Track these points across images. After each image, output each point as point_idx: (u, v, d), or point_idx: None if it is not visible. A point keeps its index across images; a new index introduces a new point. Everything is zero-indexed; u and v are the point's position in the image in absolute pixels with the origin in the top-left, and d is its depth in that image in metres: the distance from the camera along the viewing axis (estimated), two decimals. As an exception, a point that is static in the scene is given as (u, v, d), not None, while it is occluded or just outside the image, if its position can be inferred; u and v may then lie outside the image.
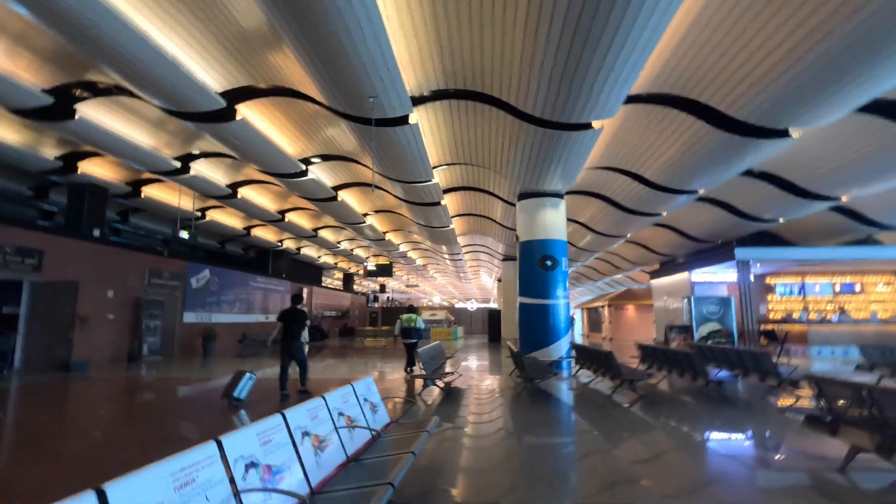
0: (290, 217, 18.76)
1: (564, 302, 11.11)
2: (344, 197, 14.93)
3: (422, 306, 40.85)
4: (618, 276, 28.10)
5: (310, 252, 28.01)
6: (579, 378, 9.91)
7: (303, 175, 12.14)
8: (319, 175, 12.89)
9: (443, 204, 13.96)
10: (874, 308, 17.18)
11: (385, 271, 24.04)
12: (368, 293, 41.76)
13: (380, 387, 8.77)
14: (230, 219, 19.94)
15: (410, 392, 8.12)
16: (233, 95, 8.34)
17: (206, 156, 12.28)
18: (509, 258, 22.48)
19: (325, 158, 11.81)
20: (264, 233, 22.60)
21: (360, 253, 28.55)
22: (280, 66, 7.78)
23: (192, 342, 16.78)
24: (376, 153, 9.61)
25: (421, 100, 8.24)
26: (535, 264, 11.20)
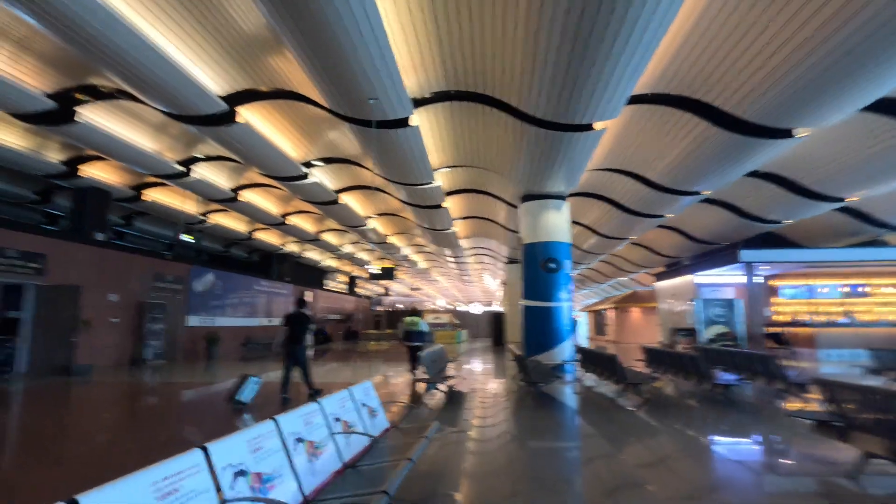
0: (292, 220, 18.76)
1: (568, 305, 11.01)
2: (346, 200, 14.90)
3: (425, 309, 40.74)
4: (622, 279, 27.93)
5: (313, 255, 28.02)
6: (583, 381, 9.80)
7: (305, 178, 12.12)
8: (321, 178, 12.87)
9: (445, 206, 13.90)
10: (882, 310, 16.96)
11: (388, 274, 23.95)
12: (372, 296, 41.71)
13: (382, 391, 8.73)
14: (233, 222, 19.97)
15: (413, 396, 8.04)
16: (234, 98, 8.32)
17: (208, 159, 12.29)
18: (513, 261, 22.36)
19: (327, 161, 11.79)
20: (267, 236, 22.62)
21: (364, 256, 28.53)
22: (281, 69, 7.76)
23: (196, 346, 16.76)
24: (377, 155, 9.57)
25: (422, 101, 8.19)
26: (538, 267, 11.11)
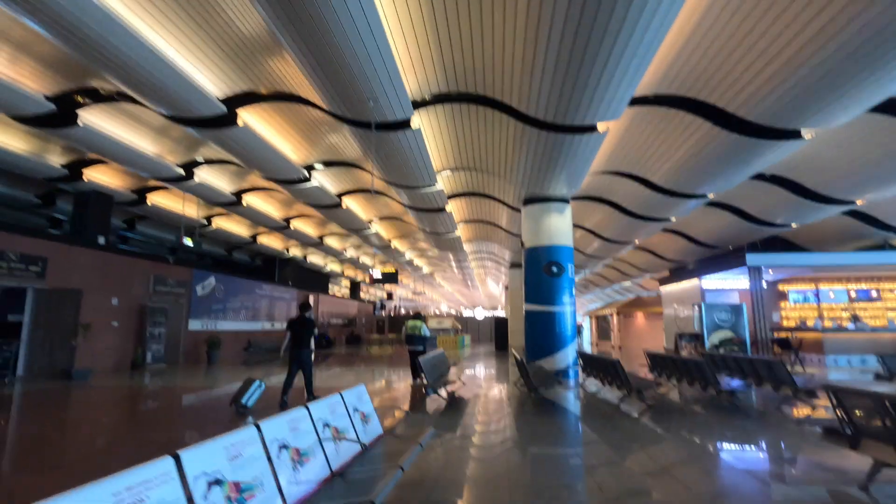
0: (295, 224, 18.75)
1: (571, 309, 10.88)
2: (348, 203, 14.86)
3: (429, 314, 40.60)
4: (627, 284, 27.72)
5: (316, 260, 28.01)
6: (586, 387, 9.65)
7: (306, 181, 12.08)
8: (323, 181, 12.83)
9: (447, 210, 13.83)
10: (891, 315, 16.69)
11: (391, 279, 23.91)
12: (375, 301, 41.62)
13: (382, 395, 8.62)
14: (236, 226, 19.98)
15: (412, 401, 7.92)
16: (234, 101, 8.30)
17: (210, 163, 12.28)
18: (516, 265, 22.22)
19: (329, 165, 11.75)
20: (270, 240, 22.62)
21: (367, 260, 28.49)
22: (281, 71, 7.72)
23: (198, 350, 16.71)
24: (378, 158, 9.51)
25: (422, 103, 8.13)
26: (540, 270, 10.99)
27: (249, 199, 15.35)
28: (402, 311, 46.95)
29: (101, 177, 13.34)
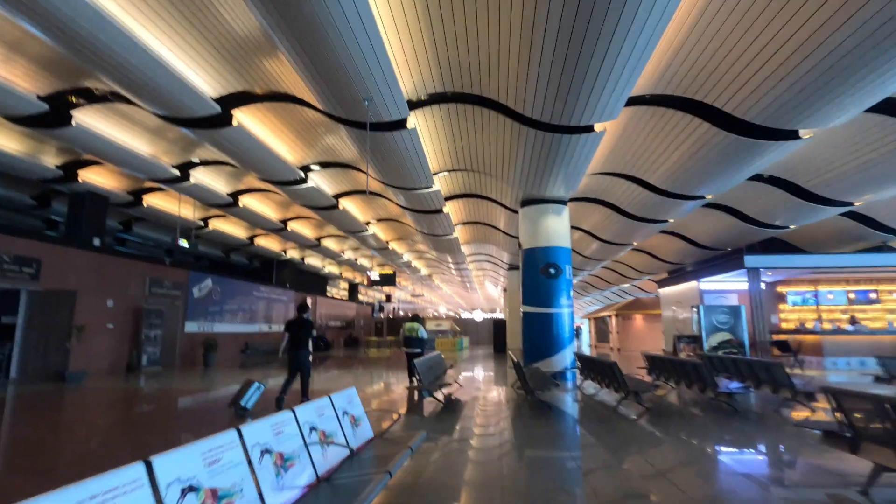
0: (292, 226, 18.67)
1: (568, 311, 10.81)
2: (345, 205, 14.79)
3: (427, 316, 40.52)
4: (625, 286, 27.66)
5: (314, 262, 27.92)
6: (584, 389, 9.58)
7: (302, 183, 12.01)
8: (319, 183, 12.77)
9: (445, 212, 13.76)
10: (890, 317, 16.62)
11: (388, 280, 23.86)
12: (374, 303, 41.53)
13: (377, 398, 8.54)
14: (233, 228, 19.89)
15: (408, 404, 7.84)
16: (228, 101, 8.24)
17: (205, 164, 12.21)
18: (514, 267, 22.17)
19: (325, 166, 11.68)
20: (268, 242, 22.54)
21: (365, 262, 28.40)
22: (276, 71, 7.66)
23: (194, 352, 16.61)
24: (374, 159, 9.45)
25: (418, 104, 8.07)
26: (538, 272, 10.93)
27: (246, 201, 15.28)
28: (401, 313, 46.85)
29: (96, 178, 13.27)
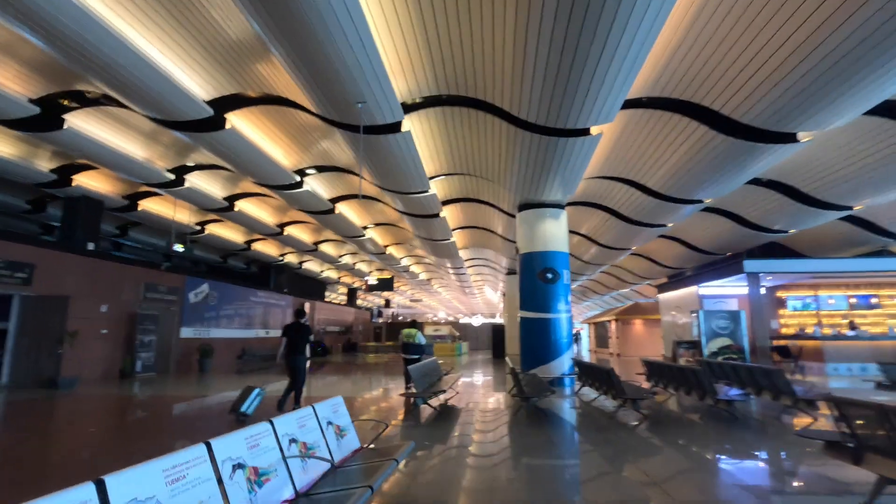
0: (289, 231, 18.56)
1: (566, 316, 10.68)
2: (342, 209, 14.70)
3: (426, 321, 40.35)
4: (624, 291, 27.52)
5: (312, 267, 27.78)
6: (582, 396, 9.44)
7: (298, 187, 11.92)
8: (315, 187, 12.68)
9: (442, 216, 13.67)
10: (891, 322, 16.49)
11: (386, 285, 23.70)
12: (373, 308, 41.38)
13: (371, 406, 8.40)
14: (230, 232, 19.78)
15: (406, 412, 7.70)
16: (221, 104, 8.15)
17: (200, 168, 12.12)
18: (512, 272, 22.04)
19: (321, 170, 11.59)
20: (265, 247, 22.42)
21: (363, 267, 28.27)
22: (268, 73, 7.59)
23: (190, 358, 16.46)
24: (370, 162, 9.37)
25: (413, 107, 7.99)
26: (535, 277, 10.82)
27: (242, 205, 15.18)
28: (400, 318, 46.67)
29: (90, 182, 13.18)
